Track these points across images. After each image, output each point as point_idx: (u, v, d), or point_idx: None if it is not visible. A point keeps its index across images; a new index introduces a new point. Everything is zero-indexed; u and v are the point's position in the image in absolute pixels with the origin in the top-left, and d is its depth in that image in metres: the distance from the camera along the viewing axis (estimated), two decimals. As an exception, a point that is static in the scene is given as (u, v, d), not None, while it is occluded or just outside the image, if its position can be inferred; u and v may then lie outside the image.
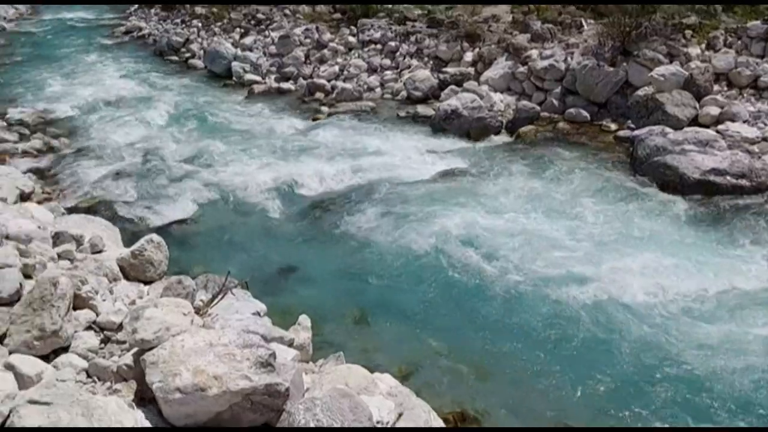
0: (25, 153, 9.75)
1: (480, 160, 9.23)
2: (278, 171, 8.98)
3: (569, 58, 10.88)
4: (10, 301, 3.49)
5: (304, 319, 4.65)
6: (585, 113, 10.26)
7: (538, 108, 10.56)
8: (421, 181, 8.62)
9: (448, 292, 5.97)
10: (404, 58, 13.44)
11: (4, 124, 11.09)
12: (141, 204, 8.04)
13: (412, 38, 13.75)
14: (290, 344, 4.20)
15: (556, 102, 10.61)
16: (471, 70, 12.10)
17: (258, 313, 4.54)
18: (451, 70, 12.18)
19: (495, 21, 13.35)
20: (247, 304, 4.65)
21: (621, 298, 5.67)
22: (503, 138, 10.26)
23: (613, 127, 9.95)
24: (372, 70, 13.54)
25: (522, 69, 11.26)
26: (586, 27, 11.87)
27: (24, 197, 7.47)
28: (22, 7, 31.49)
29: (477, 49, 12.45)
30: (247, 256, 6.83)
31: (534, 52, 11.33)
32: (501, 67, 11.61)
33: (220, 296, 4.48)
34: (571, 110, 10.38)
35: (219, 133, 10.98)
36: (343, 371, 3.77)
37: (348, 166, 9.15)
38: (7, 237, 4.62)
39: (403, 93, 12.24)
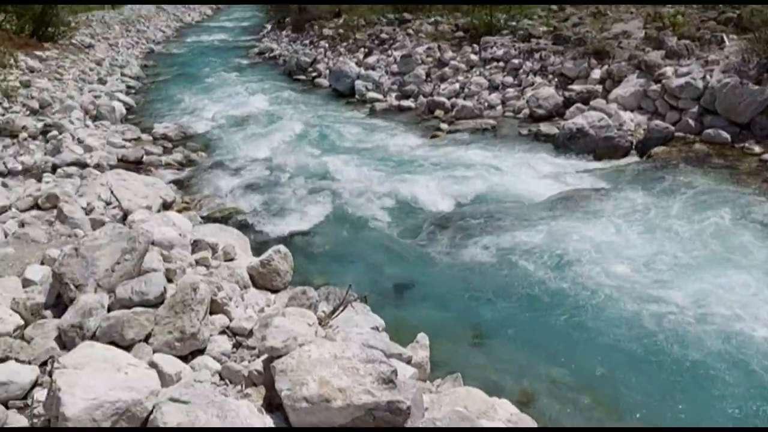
0: (168, 165, 10.56)
1: (606, 180, 8.85)
2: (396, 186, 9.09)
3: (708, 76, 10.17)
4: (156, 303, 3.77)
5: (423, 337, 4.65)
6: (725, 134, 9.53)
7: (671, 128, 9.94)
8: (542, 200, 8.38)
9: (567, 316, 5.73)
10: (527, 76, 13.21)
11: (151, 138, 12.12)
12: (268, 215, 8.44)
13: (537, 55, 13.49)
14: (408, 361, 4.21)
15: (692, 122, 9.94)
16: (599, 87, 11.65)
17: (377, 328, 4.60)
18: (577, 87, 11.80)
19: (626, 37, 12.79)
20: (367, 318, 4.73)
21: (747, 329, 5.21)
22: (633, 159, 9.76)
23: (758, 149, 9.15)
24: (493, 87, 13.43)
25: (655, 87, 10.67)
26: (727, 43, 11.06)
27: (166, 206, 8.10)
28: (168, 30, 34.48)
29: (605, 66, 11.97)
30: (364, 269, 6.96)
31: (668, 70, 10.71)
32: (632, 84, 11.08)
33: (341, 309, 4.58)
34: (709, 131, 9.68)
35: (340, 148, 11.34)
36: (461, 394, 3.72)
37: (466, 183, 9.10)
38: (153, 243, 4.99)
39: (526, 111, 12.03)
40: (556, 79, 12.68)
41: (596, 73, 12.03)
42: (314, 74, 18.60)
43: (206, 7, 52.19)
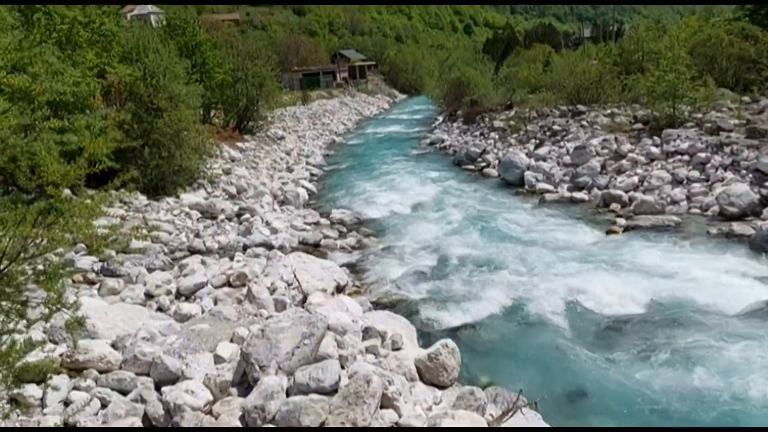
0: (342, 248, 11.15)
1: (818, 291, 7.73)
2: (568, 283, 8.68)
3: None
4: (330, 391, 3.88)
5: (600, 457, 4.25)
6: None
7: None
8: (737, 309, 7.50)
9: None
10: (716, 171, 12.25)
11: (328, 222, 12.94)
12: (434, 304, 8.44)
13: (727, 149, 12.52)
14: (584, 483, 3.85)
15: None
16: (803, 185, 10.45)
17: (548, 440, 4.31)
18: (776, 184, 10.69)
19: (837, 129, 11.47)
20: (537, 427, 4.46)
21: None
22: None
23: None
24: (677, 182, 12.60)
25: None
26: None
27: (339, 289, 8.49)
28: (349, 123, 37.38)
29: (812, 162, 10.76)
30: (533, 371, 6.61)
31: None
32: None
33: (510, 414, 4.38)
34: None
35: (508, 239, 11.19)
36: None
37: (646, 285, 8.44)
38: (328, 327, 5.20)
39: (715, 208, 11.07)
40: (750, 175, 11.60)
41: (801, 169, 10.84)
42: (483, 164, 18.87)
43: (384, 101, 56.16)
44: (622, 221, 11.52)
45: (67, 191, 5.70)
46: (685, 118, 14.96)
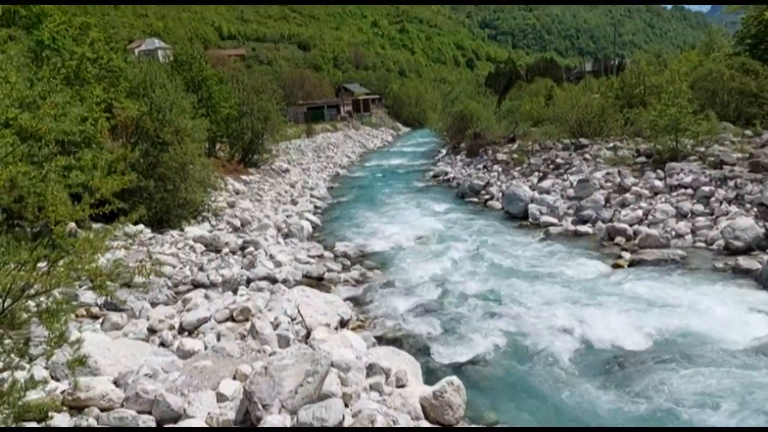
0: (345, 282, 11.10)
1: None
2: (574, 318, 8.61)
3: None
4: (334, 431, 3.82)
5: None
6: None
7: None
8: (745, 345, 7.41)
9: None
10: (720, 204, 12.24)
11: (332, 255, 12.90)
12: (439, 339, 8.36)
13: (731, 183, 12.52)
14: None
15: None
16: (809, 219, 10.42)
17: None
18: (781, 218, 10.66)
19: (840, 163, 11.48)
20: (545, 468, 4.37)
21: None
22: None
23: None
24: (681, 215, 12.58)
25: None
26: None
27: (343, 323, 8.42)
28: (353, 155, 37.65)
29: (816, 196, 10.74)
30: (540, 408, 6.51)
31: None
32: None
33: (517, 454, 4.29)
34: None
35: (513, 272, 11.14)
36: None
37: (653, 320, 8.36)
38: (332, 364, 5.15)
39: (720, 242, 11.02)
40: (755, 209, 11.58)
41: (806, 203, 10.82)
42: (487, 197, 18.92)
43: (387, 134, 56.67)
44: (627, 255, 11.46)
45: (72, 224, 5.70)
46: (688, 152, 15.01)
